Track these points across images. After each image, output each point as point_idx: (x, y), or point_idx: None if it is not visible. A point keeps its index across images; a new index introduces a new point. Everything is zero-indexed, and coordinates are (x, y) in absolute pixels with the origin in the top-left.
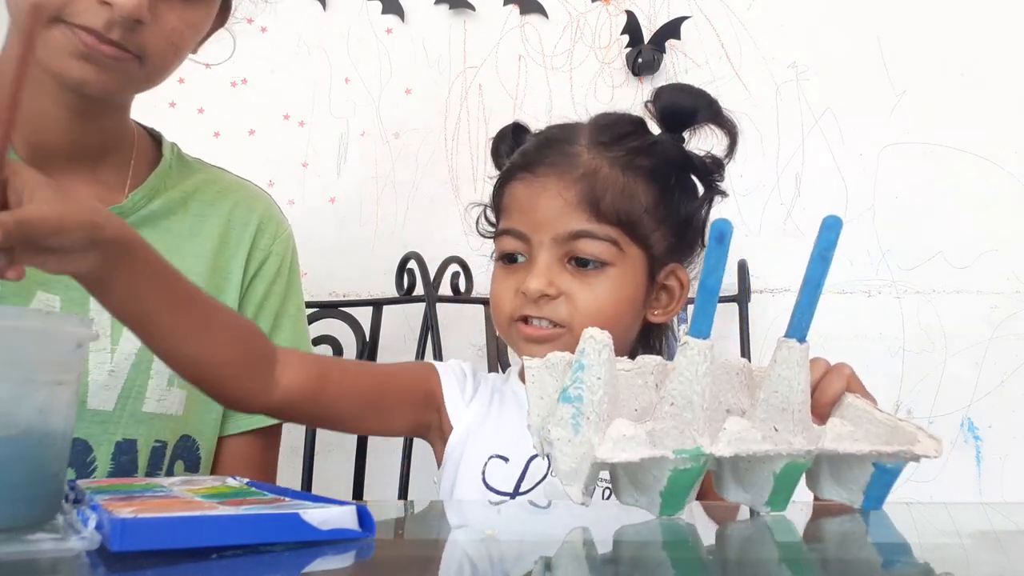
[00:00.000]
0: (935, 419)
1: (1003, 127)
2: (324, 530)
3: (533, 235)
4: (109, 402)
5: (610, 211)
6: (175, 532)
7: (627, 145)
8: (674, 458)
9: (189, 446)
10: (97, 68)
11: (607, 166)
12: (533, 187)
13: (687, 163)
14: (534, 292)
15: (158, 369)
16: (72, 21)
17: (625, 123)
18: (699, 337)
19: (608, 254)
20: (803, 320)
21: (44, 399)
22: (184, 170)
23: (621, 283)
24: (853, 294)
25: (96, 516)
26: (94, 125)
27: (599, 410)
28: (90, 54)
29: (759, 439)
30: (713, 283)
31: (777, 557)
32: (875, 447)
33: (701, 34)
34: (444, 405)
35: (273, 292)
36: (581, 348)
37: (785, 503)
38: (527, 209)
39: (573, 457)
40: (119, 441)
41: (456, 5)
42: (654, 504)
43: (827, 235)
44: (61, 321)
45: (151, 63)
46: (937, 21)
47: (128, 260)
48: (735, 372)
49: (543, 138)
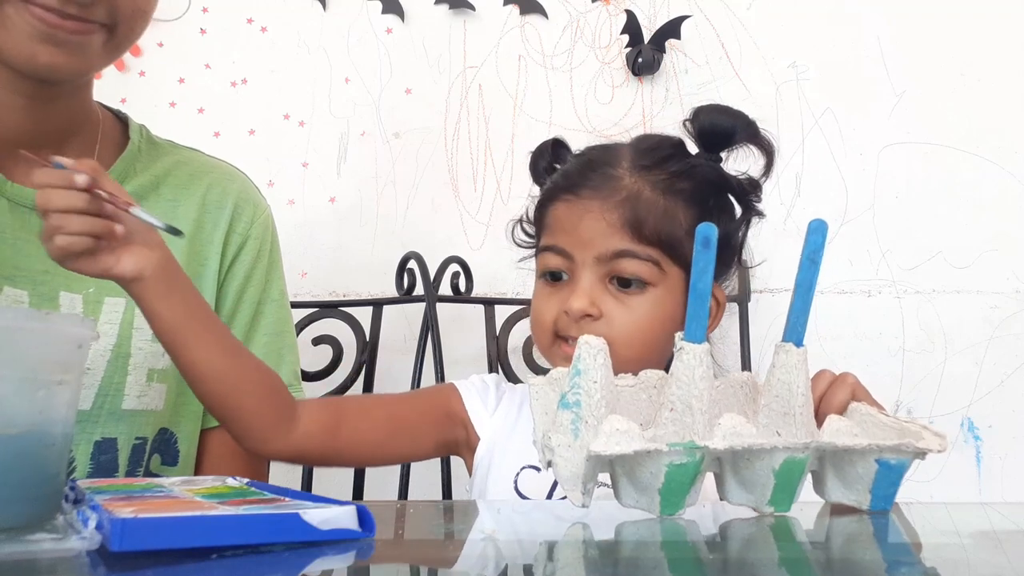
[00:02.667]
0: (935, 419)
1: (1003, 127)
2: (324, 530)
3: (576, 254)
4: (86, 401)
5: (652, 232)
6: (175, 532)
7: (668, 168)
8: (668, 451)
9: (167, 439)
10: (65, 50)
11: (648, 189)
12: (577, 208)
13: (725, 185)
14: (577, 312)
15: (136, 363)
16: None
17: (666, 146)
18: (694, 341)
19: (649, 274)
20: (798, 323)
21: (45, 399)
22: (154, 152)
23: (662, 304)
24: (853, 294)
25: (96, 516)
26: (55, 109)
27: (597, 414)
28: (54, 34)
29: (754, 433)
30: (703, 287)
31: (777, 558)
32: (873, 440)
33: (701, 34)
34: (469, 418)
35: (253, 278)
36: (577, 354)
37: (788, 503)
38: (570, 229)
39: (573, 462)
40: (98, 440)
41: (456, 5)
42: (654, 503)
43: (814, 239)
44: (62, 321)
45: (120, 31)
46: (937, 21)
47: (170, 271)
48: (739, 385)
49: (585, 160)
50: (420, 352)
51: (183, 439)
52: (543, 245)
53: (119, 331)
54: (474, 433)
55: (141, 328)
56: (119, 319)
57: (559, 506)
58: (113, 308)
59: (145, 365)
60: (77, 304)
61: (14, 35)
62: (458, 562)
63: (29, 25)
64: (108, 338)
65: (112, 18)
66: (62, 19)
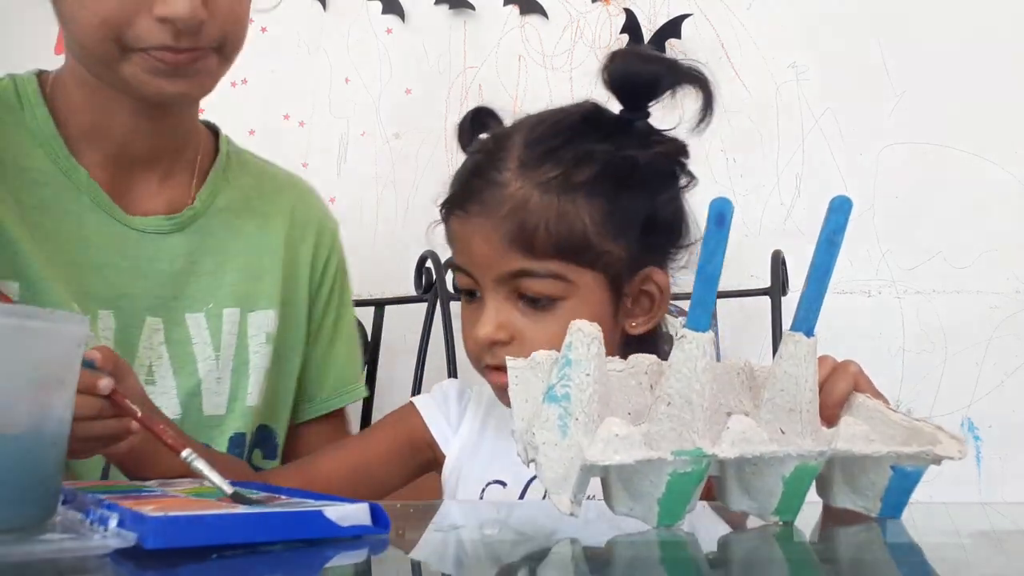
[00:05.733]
0: (935, 419)
1: (1003, 127)
2: (344, 526)
3: (477, 275)
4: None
5: (546, 245)
6: (209, 529)
7: (561, 160)
8: (673, 460)
9: (267, 434)
10: (187, 78)
11: (537, 194)
12: (467, 227)
13: (635, 162)
14: (484, 340)
15: (255, 365)
16: (141, 47)
17: (561, 131)
18: (697, 330)
19: (554, 289)
20: (810, 312)
21: (44, 398)
22: (240, 163)
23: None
24: (853, 294)
25: (117, 515)
26: (172, 126)
27: (588, 410)
28: (175, 69)
29: (766, 439)
30: (712, 270)
31: (786, 570)
32: (891, 448)
33: (701, 34)
34: (433, 439)
35: (335, 289)
36: (568, 342)
37: (795, 511)
38: (464, 249)
39: (560, 462)
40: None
41: (456, 5)
42: (651, 513)
43: (835, 218)
44: (63, 320)
45: (227, 47)
46: (937, 21)
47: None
48: (736, 372)
49: (472, 164)
50: (422, 352)
51: (279, 433)
52: (450, 262)
53: (236, 341)
54: (440, 453)
55: (255, 336)
56: (236, 329)
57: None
58: (231, 319)
59: (261, 367)
60: (201, 322)
61: (140, 76)
62: (463, 561)
63: (152, 67)
64: (228, 348)
65: (220, 38)
66: (177, 54)
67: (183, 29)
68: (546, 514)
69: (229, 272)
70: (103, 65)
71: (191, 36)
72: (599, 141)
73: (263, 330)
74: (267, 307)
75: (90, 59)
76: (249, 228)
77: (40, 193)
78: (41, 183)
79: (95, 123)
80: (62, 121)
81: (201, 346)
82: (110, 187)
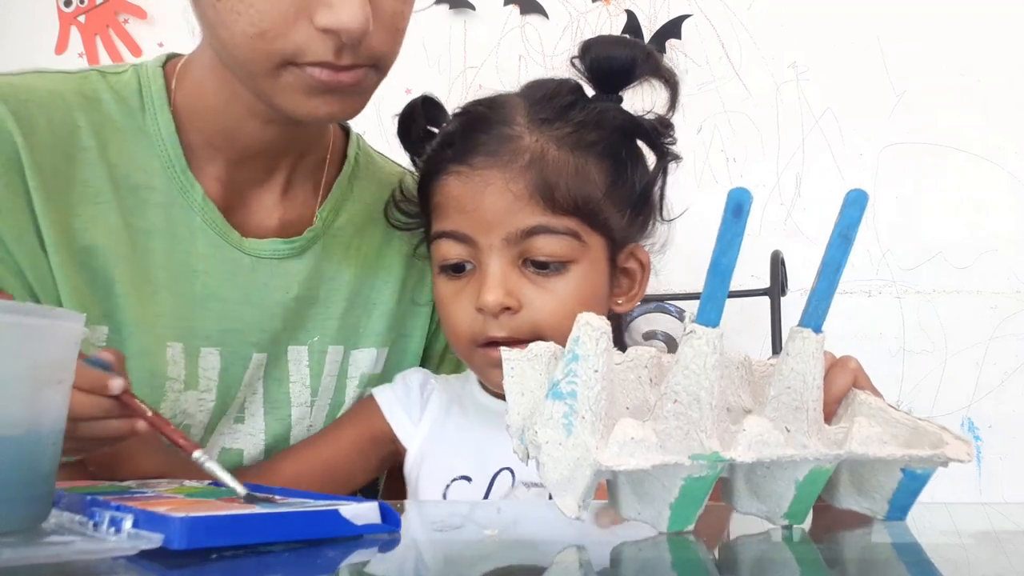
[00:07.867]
0: (935, 419)
1: (1003, 127)
2: (359, 525)
3: (480, 238)
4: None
5: (566, 199)
6: (233, 530)
7: (572, 119)
8: (690, 464)
9: None
10: (342, 99)
11: (554, 147)
12: (473, 182)
13: (636, 130)
14: (494, 306)
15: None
16: (300, 62)
17: (565, 92)
18: (708, 325)
19: (569, 249)
20: (820, 307)
21: (41, 398)
22: (371, 168)
23: (586, 280)
24: (853, 294)
25: (132, 516)
26: (306, 133)
27: (596, 408)
28: (333, 88)
29: (783, 442)
30: (727, 263)
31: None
32: (906, 451)
33: (701, 34)
34: (394, 432)
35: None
36: (575, 336)
37: (804, 515)
38: (469, 208)
39: (565, 463)
40: None
41: (456, 5)
42: (661, 517)
43: (850, 212)
44: (62, 318)
45: (385, 63)
46: (937, 21)
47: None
48: (735, 367)
49: (472, 119)
50: None
51: None
52: (437, 231)
53: (335, 383)
54: (401, 446)
55: (353, 377)
56: (337, 370)
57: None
58: (334, 358)
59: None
60: (303, 357)
61: (291, 95)
62: (469, 562)
63: (306, 85)
64: (326, 392)
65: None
66: (336, 72)
67: (347, 42)
68: (557, 516)
69: (338, 302)
70: (251, 78)
71: (352, 50)
72: (603, 107)
73: (360, 370)
74: (371, 345)
75: (241, 71)
76: (367, 248)
77: (151, 217)
78: (152, 204)
79: (223, 128)
80: (184, 125)
81: (299, 387)
82: (225, 204)
